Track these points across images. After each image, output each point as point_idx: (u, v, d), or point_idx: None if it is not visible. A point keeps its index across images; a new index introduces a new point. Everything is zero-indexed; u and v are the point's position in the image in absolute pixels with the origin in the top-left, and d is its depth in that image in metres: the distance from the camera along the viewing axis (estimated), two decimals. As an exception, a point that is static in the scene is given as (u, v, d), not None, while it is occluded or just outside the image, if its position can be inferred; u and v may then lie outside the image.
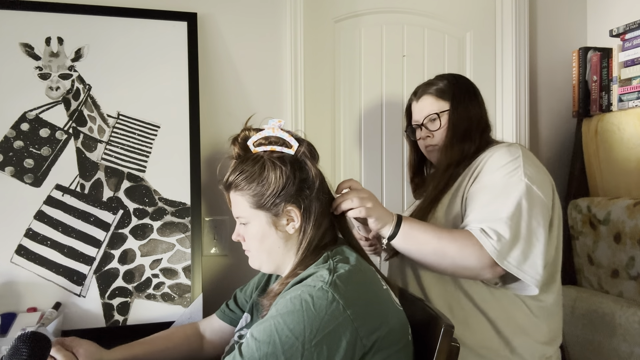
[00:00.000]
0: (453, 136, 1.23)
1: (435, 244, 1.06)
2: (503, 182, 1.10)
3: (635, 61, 1.68)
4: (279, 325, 0.80)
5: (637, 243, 1.53)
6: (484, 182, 1.13)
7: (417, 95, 1.32)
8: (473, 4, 1.96)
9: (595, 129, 1.82)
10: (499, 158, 1.14)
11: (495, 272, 1.05)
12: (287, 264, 0.98)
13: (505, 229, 1.03)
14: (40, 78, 1.42)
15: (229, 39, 1.64)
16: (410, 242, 1.08)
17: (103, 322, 1.39)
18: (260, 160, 0.96)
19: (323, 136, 1.81)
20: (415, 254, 1.10)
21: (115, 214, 1.43)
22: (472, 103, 1.27)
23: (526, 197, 1.06)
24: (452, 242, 1.06)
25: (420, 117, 1.30)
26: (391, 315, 0.89)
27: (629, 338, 1.47)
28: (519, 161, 1.12)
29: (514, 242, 1.03)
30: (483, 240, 1.03)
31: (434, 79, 1.32)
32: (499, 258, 1.02)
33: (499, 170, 1.12)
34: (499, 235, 1.03)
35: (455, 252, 1.05)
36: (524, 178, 1.08)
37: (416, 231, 1.08)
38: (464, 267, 1.07)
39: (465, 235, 1.06)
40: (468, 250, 1.04)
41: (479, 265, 1.04)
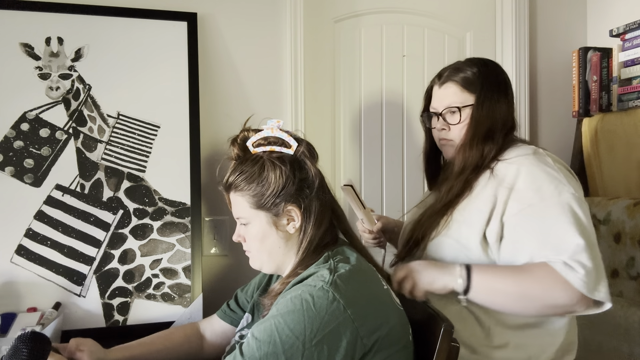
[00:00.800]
0: (474, 135, 1.11)
1: (516, 287, 0.99)
2: (554, 201, 1.01)
3: (635, 61, 1.68)
4: (279, 324, 0.80)
5: (637, 243, 1.53)
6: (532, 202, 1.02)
7: (442, 80, 1.17)
8: (473, 4, 1.96)
9: (595, 129, 1.81)
10: (535, 173, 1.04)
11: (587, 304, 0.98)
12: (288, 264, 0.98)
13: (586, 258, 0.96)
14: (40, 78, 1.42)
15: (229, 38, 1.64)
16: (489, 293, 1.02)
17: (103, 322, 1.39)
18: (259, 161, 0.96)
19: (323, 136, 1.81)
20: (499, 304, 1.03)
21: (115, 214, 1.43)
22: (501, 100, 1.13)
23: (582, 212, 1.00)
24: (535, 284, 0.98)
25: (440, 105, 1.16)
26: (392, 315, 0.89)
27: (629, 338, 1.47)
28: (556, 171, 1.04)
29: (597, 270, 0.97)
30: (570, 276, 0.96)
31: (464, 62, 1.18)
32: (591, 292, 0.96)
33: (543, 189, 1.02)
34: (584, 266, 0.96)
35: (542, 294, 0.98)
36: (573, 191, 1.02)
37: (491, 279, 1.01)
38: (555, 306, 0.99)
39: (547, 272, 0.98)
40: (556, 289, 0.97)
41: (570, 302, 0.97)
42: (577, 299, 0.97)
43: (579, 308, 0.99)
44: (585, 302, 0.98)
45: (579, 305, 0.98)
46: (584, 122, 1.87)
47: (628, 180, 1.71)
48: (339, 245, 0.97)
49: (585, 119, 1.86)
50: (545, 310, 1.02)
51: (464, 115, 1.12)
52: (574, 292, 0.96)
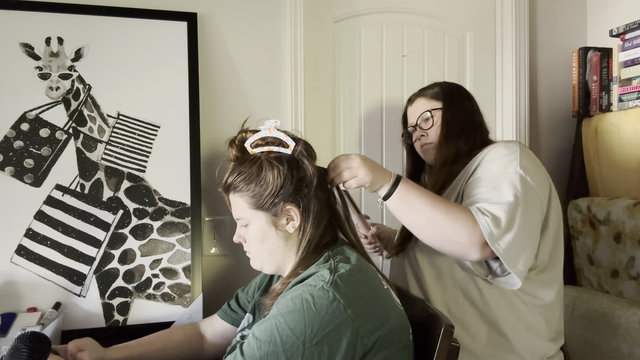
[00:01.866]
0: (447, 133, 1.23)
1: (429, 211, 1.04)
2: (498, 172, 1.09)
3: (635, 61, 1.68)
4: (279, 324, 0.80)
5: (637, 243, 1.53)
6: (478, 174, 1.12)
7: (411, 100, 1.35)
8: (473, 4, 1.96)
9: (595, 129, 1.81)
10: (495, 152, 1.14)
11: (483, 253, 1.02)
12: (288, 263, 0.98)
13: (501, 213, 1.01)
14: (40, 78, 1.42)
15: (229, 38, 1.64)
16: (404, 206, 1.06)
17: (103, 322, 1.39)
18: (257, 161, 0.96)
19: (323, 136, 1.81)
20: (408, 219, 1.08)
21: (115, 214, 1.43)
22: (465, 102, 1.28)
23: (521, 187, 1.05)
24: (446, 213, 1.03)
25: (414, 118, 1.31)
26: (392, 315, 0.89)
27: (629, 338, 1.47)
28: (516, 155, 1.11)
29: (507, 227, 1.01)
30: (479, 216, 1.01)
31: (427, 86, 1.34)
32: (490, 238, 1.00)
33: (495, 162, 1.11)
34: (494, 217, 1.01)
35: (446, 223, 1.03)
36: (519, 170, 1.07)
37: (412, 195, 1.05)
38: (453, 240, 1.04)
39: (462, 210, 1.04)
40: (460, 224, 1.02)
41: (468, 241, 1.01)
42: (475, 241, 1.01)
43: (474, 252, 1.02)
44: (482, 249, 1.01)
45: (475, 248, 1.01)
46: (584, 122, 1.87)
47: (628, 180, 1.71)
48: (338, 245, 0.98)
49: (585, 119, 1.86)
50: (444, 244, 1.06)
51: (436, 118, 1.26)
52: (475, 233, 1.01)
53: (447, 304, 1.15)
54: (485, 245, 1.01)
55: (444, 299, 1.16)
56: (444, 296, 1.16)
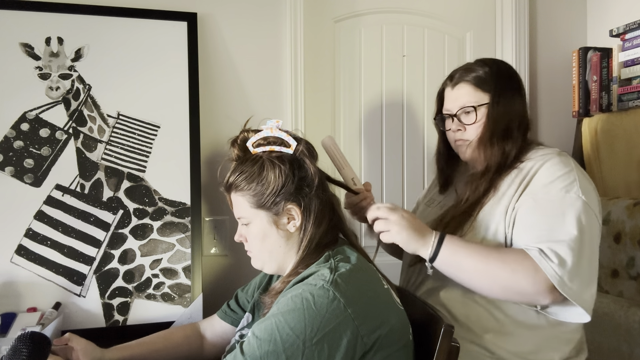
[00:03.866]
0: (493, 134, 1.10)
1: (482, 267, 0.98)
2: (558, 197, 1.01)
3: (635, 61, 1.68)
4: (280, 323, 0.80)
5: (637, 243, 1.53)
6: (537, 197, 1.03)
7: (454, 82, 1.17)
8: (473, 4, 1.96)
9: (595, 129, 1.81)
10: (551, 169, 1.05)
11: (553, 298, 0.97)
12: (289, 263, 0.98)
13: (567, 252, 0.95)
14: (40, 78, 1.42)
15: (229, 39, 1.64)
16: (453, 268, 1.01)
17: (103, 322, 1.39)
18: (259, 161, 0.96)
19: (323, 136, 1.81)
20: (462, 280, 1.03)
21: (115, 214, 1.43)
22: (515, 97, 1.13)
23: (585, 216, 0.98)
24: (502, 266, 0.97)
25: (454, 107, 1.15)
26: (392, 315, 0.89)
27: (629, 338, 1.47)
28: (574, 174, 1.03)
29: (577, 268, 0.95)
30: (542, 263, 0.95)
31: (474, 63, 1.17)
32: (560, 284, 0.94)
33: (553, 184, 1.02)
34: (561, 259, 0.94)
35: (505, 277, 0.97)
36: (582, 195, 1.00)
37: (460, 255, 1.00)
38: (517, 292, 0.98)
39: (519, 257, 0.97)
40: (520, 275, 0.96)
41: (533, 290, 0.96)
42: (543, 289, 0.95)
43: (542, 299, 0.98)
44: (551, 295, 0.96)
45: (543, 295, 0.97)
46: (584, 122, 1.87)
47: (628, 180, 1.71)
48: (339, 245, 0.98)
49: (585, 119, 1.86)
50: (508, 294, 1.01)
51: (480, 115, 1.12)
52: (540, 280, 0.95)
53: (468, 316, 1.09)
54: (553, 289, 0.95)
55: (465, 311, 1.09)
56: (464, 308, 1.10)
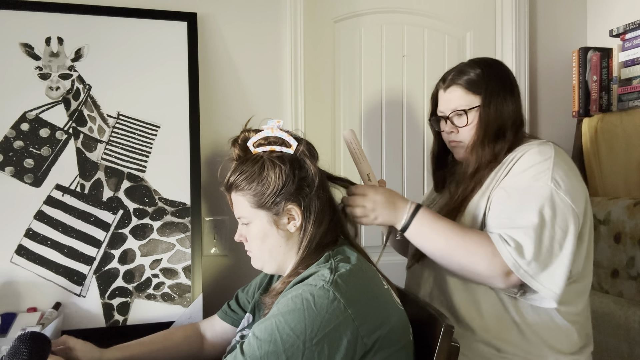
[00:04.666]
0: (484, 136, 1.12)
1: (443, 244, 1.02)
2: (526, 185, 1.03)
3: (635, 61, 1.68)
4: (280, 323, 0.80)
5: (637, 243, 1.53)
6: (507, 186, 1.06)
7: (446, 84, 1.19)
8: (473, 4, 1.96)
9: (595, 129, 1.82)
10: (527, 159, 1.07)
11: (509, 281, 1.00)
12: (289, 263, 0.98)
13: (524, 237, 0.98)
14: (40, 78, 1.42)
15: (229, 39, 1.64)
16: (420, 238, 1.05)
17: (103, 322, 1.39)
18: (260, 160, 0.96)
19: (323, 136, 1.81)
20: (426, 251, 1.07)
21: (115, 214, 1.43)
22: (507, 98, 1.14)
23: (549, 204, 1.00)
24: (461, 245, 1.01)
25: (447, 109, 1.18)
26: (392, 315, 0.89)
27: (629, 338, 1.47)
28: (549, 163, 1.04)
29: (534, 253, 0.97)
30: (500, 246, 0.98)
31: (466, 64, 1.19)
32: (515, 267, 0.97)
33: (526, 172, 1.05)
34: (517, 244, 0.98)
35: (462, 256, 1.01)
36: (550, 183, 1.01)
37: (428, 227, 1.04)
38: (473, 272, 1.02)
39: (480, 239, 1.01)
40: (477, 257, 0.99)
41: (488, 272, 0.99)
42: (498, 272, 0.99)
43: (498, 282, 1.01)
44: (507, 278, 0.99)
45: (498, 278, 1.00)
46: (584, 122, 1.87)
47: (628, 180, 1.71)
48: (339, 245, 0.98)
49: (585, 119, 1.87)
50: (465, 274, 1.05)
51: (471, 117, 1.14)
52: (496, 263, 0.98)
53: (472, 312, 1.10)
54: (509, 274, 0.98)
55: (469, 311, 1.11)
56: (469, 306, 1.11)
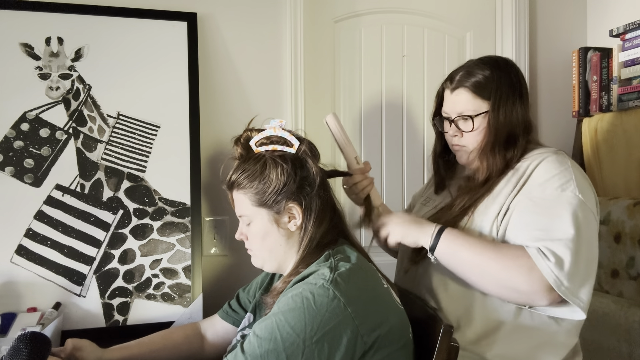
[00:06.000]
0: (495, 142, 1.07)
1: (479, 261, 0.98)
2: (554, 196, 0.99)
3: (635, 61, 1.68)
4: (280, 322, 0.80)
5: (637, 243, 1.53)
6: (533, 196, 1.01)
7: (453, 85, 1.12)
8: (473, 4, 1.96)
9: (595, 129, 1.81)
10: (547, 168, 1.03)
11: (550, 298, 0.95)
12: (289, 262, 0.99)
13: (565, 251, 0.93)
14: (40, 78, 1.42)
15: (229, 39, 1.64)
16: (452, 258, 1.02)
17: (103, 322, 1.39)
18: (261, 159, 0.97)
19: (323, 136, 1.80)
20: (459, 272, 1.02)
21: (115, 214, 1.43)
22: (516, 103, 1.09)
23: (582, 215, 0.96)
24: (497, 261, 0.96)
25: (452, 112, 1.12)
26: (392, 314, 0.89)
27: (629, 338, 1.47)
28: (570, 173, 1.01)
29: (574, 267, 0.93)
30: (539, 261, 0.93)
31: (475, 64, 1.12)
32: (557, 284, 0.92)
33: (549, 182, 1.01)
34: (558, 258, 0.93)
35: (502, 273, 0.96)
36: (578, 193, 0.98)
37: (458, 246, 1.00)
38: (512, 289, 0.97)
39: (516, 254, 0.96)
40: (518, 272, 0.94)
41: (529, 289, 0.94)
42: (539, 288, 0.94)
43: (539, 299, 0.96)
44: (549, 295, 0.95)
45: (540, 295, 0.95)
46: (584, 122, 1.87)
47: (628, 180, 1.71)
48: (339, 245, 0.98)
49: (585, 119, 1.87)
50: (503, 292, 1.00)
51: (477, 123, 1.09)
52: (536, 280, 0.93)
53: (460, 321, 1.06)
54: (550, 289, 0.94)
55: (456, 317, 1.07)
56: (456, 314, 1.07)
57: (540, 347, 1.05)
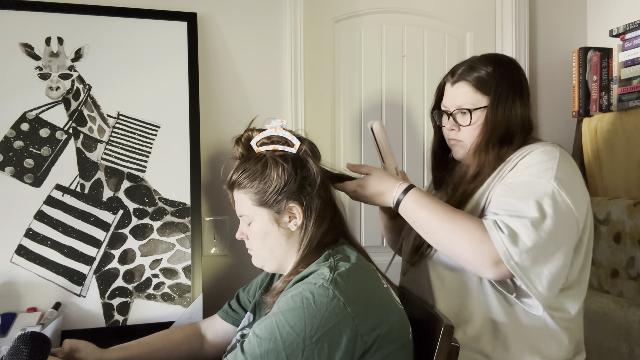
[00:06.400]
0: (489, 139, 1.07)
1: (434, 225, 1.00)
2: (528, 180, 0.99)
3: (635, 61, 1.68)
4: (280, 322, 0.81)
5: (637, 243, 1.53)
6: (508, 181, 1.02)
7: (454, 79, 1.13)
8: (473, 4, 1.96)
9: (595, 129, 1.82)
10: (531, 157, 1.03)
11: (498, 271, 0.93)
12: (289, 262, 0.99)
13: (522, 228, 0.92)
14: (40, 78, 1.42)
15: (229, 39, 1.64)
16: (412, 217, 1.04)
17: (103, 322, 1.39)
18: (262, 159, 0.97)
19: (323, 136, 1.81)
20: (417, 230, 1.05)
21: (115, 214, 1.43)
22: (516, 101, 1.09)
23: (551, 202, 0.95)
24: (448, 228, 0.97)
25: (451, 105, 1.13)
26: (391, 313, 0.89)
27: (629, 338, 1.47)
28: (553, 163, 1.00)
29: (529, 246, 0.92)
30: (493, 232, 0.93)
31: (478, 60, 1.13)
32: (505, 256, 0.91)
33: (529, 169, 1.01)
34: (512, 231, 0.92)
35: (450, 240, 0.98)
36: (553, 181, 0.97)
37: (419, 207, 1.02)
38: (460, 258, 0.99)
39: (471, 226, 0.96)
40: (465, 242, 0.95)
41: (475, 259, 0.95)
42: (486, 260, 0.93)
43: (486, 271, 0.95)
44: (496, 268, 0.93)
45: (486, 267, 0.94)
46: (584, 122, 1.87)
47: (628, 180, 1.71)
48: (339, 244, 0.98)
49: (585, 119, 1.87)
50: (454, 258, 1.02)
51: (475, 117, 1.09)
52: (484, 252, 0.93)
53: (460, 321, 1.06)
54: (499, 263, 0.93)
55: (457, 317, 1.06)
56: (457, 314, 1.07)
57: (539, 344, 1.05)
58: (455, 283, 1.08)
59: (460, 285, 1.07)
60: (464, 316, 1.07)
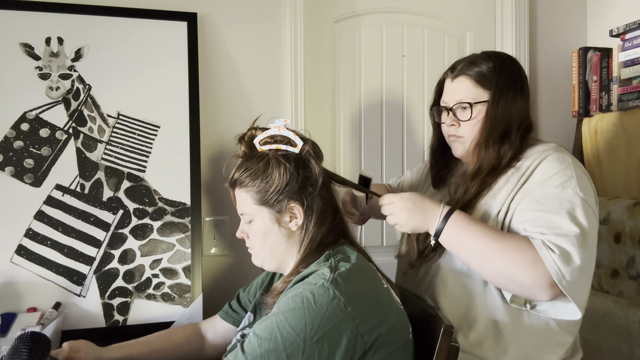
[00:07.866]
0: (490, 135, 1.06)
1: (483, 249, 0.96)
2: (555, 194, 0.98)
3: (635, 61, 1.68)
4: (280, 322, 0.81)
5: (637, 243, 1.53)
6: (534, 194, 1.00)
7: (455, 74, 1.13)
8: (473, 4, 1.96)
9: (595, 129, 1.82)
10: (548, 166, 1.02)
11: (551, 293, 0.93)
12: (290, 261, 0.99)
13: (569, 246, 0.92)
14: (40, 78, 1.42)
15: (229, 38, 1.64)
16: (457, 243, 0.99)
17: (103, 322, 1.39)
18: (265, 158, 0.97)
19: (323, 136, 1.81)
20: (463, 258, 1.01)
21: (115, 214, 1.43)
22: (517, 97, 1.08)
23: (584, 213, 0.96)
24: (501, 251, 0.94)
25: (451, 100, 1.12)
26: (392, 314, 0.89)
27: (629, 338, 1.47)
28: (571, 171, 1.00)
29: (577, 264, 0.92)
30: (544, 253, 0.92)
31: (479, 56, 1.12)
32: (559, 278, 0.90)
33: (550, 181, 1.00)
34: (563, 251, 0.91)
35: (503, 265, 0.94)
36: (579, 192, 0.98)
37: (464, 232, 0.98)
38: (514, 282, 0.95)
39: (520, 246, 0.94)
40: (518, 263, 0.93)
41: (532, 282, 0.93)
42: (542, 282, 0.92)
43: (540, 293, 0.94)
44: (551, 290, 0.93)
45: (542, 290, 0.93)
46: (584, 122, 1.87)
47: (628, 180, 1.71)
48: (340, 245, 0.98)
49: (585, 119, 1.87)
50: (504, 283, 0.98)
51: (475, 112, 1.08)
52: (539, 273, 0.92)
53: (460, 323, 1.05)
54: (552, 285, 0.92)
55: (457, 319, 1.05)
56: (456, 316, 1.06)
57: (541, 347, 1.05)
58: (459, 287, 1.07)
59: (464, 289, 1.07)
60: (468, 320, 1.06)
